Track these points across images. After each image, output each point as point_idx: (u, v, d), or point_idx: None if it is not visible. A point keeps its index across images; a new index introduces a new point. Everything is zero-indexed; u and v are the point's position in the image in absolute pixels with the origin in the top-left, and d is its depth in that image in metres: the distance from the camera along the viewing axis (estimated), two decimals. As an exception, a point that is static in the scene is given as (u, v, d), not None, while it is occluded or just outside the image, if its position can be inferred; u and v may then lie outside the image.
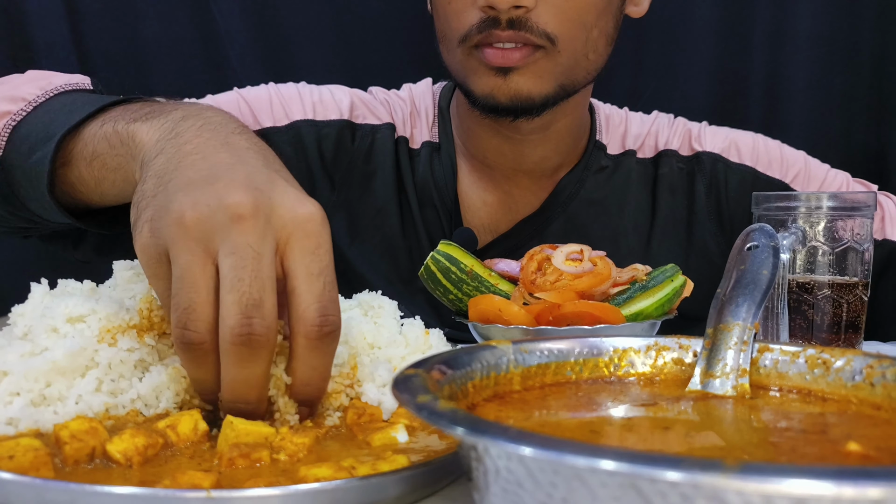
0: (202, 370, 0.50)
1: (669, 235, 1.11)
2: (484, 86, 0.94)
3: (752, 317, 0.50)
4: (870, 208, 0.77)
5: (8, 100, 0.77)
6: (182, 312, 0.48)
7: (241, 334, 0.47)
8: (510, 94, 0.93)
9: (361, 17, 1.45)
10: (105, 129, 0.66)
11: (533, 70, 0.92)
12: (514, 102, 0.94)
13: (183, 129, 0.58)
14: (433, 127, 1.11)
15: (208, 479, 0.41)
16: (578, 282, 0.79)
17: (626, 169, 1.11)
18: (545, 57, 0.92)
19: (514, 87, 0.92)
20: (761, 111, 1.47)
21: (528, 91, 0.93)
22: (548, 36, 0.90)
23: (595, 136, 1.11)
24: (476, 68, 0.94)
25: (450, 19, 0.94)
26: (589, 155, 1.10)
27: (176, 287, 0.48)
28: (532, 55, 0.91)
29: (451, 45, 0.95)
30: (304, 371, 0.51)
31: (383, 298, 0.71)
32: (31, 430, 0.50)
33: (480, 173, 1.10)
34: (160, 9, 1.41)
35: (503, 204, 1.10)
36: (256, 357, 0.48)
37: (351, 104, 1.09)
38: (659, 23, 1.40)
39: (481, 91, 0.94)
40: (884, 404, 0.46)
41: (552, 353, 0.51)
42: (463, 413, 0.34)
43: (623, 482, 0.28)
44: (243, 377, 0.49)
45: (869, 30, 1.44)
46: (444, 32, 0.97)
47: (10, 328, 0.61)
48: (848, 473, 0.26)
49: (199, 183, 0.51)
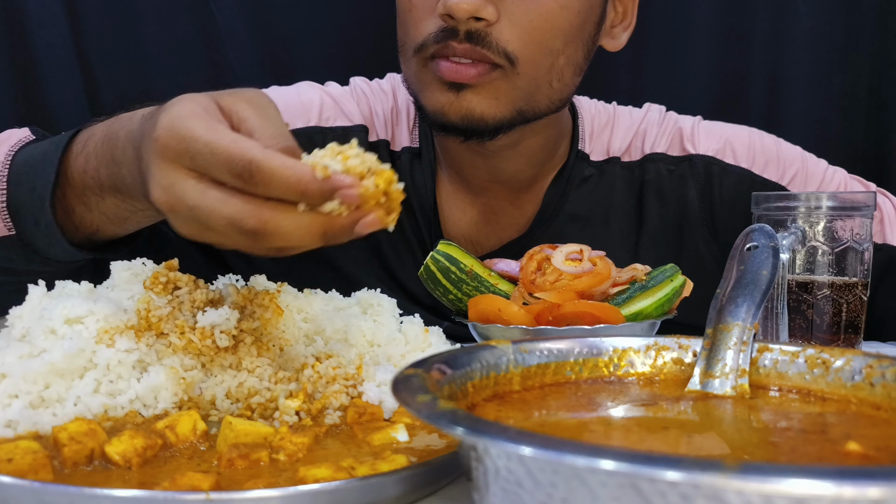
0: (278, 237, 0.51)
1: (658, 242, 1.07)
2: (435, 101, 0.88)
3: (752, 317, 0.50)
4: (869, 208, 0.77)
5: None
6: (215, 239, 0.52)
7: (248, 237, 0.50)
8: (461, 113, 0.87)
9: (361, 16, 1.45)
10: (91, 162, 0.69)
11: (488, 90, 0.87)
12: (466, 122, 0.88)
13: (136, 131, 0.62)
14: (413, 129, 1.07)
15: (207, 480, 0.41)
16: (578, 282, 0.79)
17: (611, 177, 1.07)
18: (502, 77, 0.87)
19: (466, 106, 0.87)
20: (761, 111, 1.47)
21: (482, 112, 0.87)
22: (507, 55, 0.85)
23: (577, 143, 1.07)
24: (429, 82, 0.89)
25: (408, 27, 0.90)
26: (571, 167, 1.06)
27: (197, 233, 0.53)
28: (488, 74, 0.86)
29: (408, 54, 0.91)
30: None
31: (382, 296, 0.71)
32: (29, 433, 0.50)
33: (459, 185, 1.06)
34: (160, 9, 1.41)
35: (484, 217, 1.06)
36: (271, 234, 0.50)
37: (320, 105, 1.05)
38: (659, 23, 1.40)
39: (432, 106, 0.89)
40: (883, 404, 0.46)
41: (552, 353, 0.51)
42: (463, 413, 0.34)
43: (623, 482, 0.28)
44: (284, 243, 0.51)
45: (869, 30, 1.44)
46: (402, 41, 0.92)
47: (9, 330, 0.61)
48: (848, 473, 0.26)
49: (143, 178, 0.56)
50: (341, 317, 0.66)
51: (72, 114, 1.38)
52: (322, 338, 0.64)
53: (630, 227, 1.08)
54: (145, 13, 1.40)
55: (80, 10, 1.38)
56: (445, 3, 0.82)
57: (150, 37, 1.41)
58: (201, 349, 0.58)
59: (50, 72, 1.37)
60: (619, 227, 1.07)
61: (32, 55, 1.36)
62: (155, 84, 1.42)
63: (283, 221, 0.50)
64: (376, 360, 0.63)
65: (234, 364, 0.59)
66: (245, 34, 1.43)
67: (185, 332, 0.58)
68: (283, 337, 0.62)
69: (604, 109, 1.12)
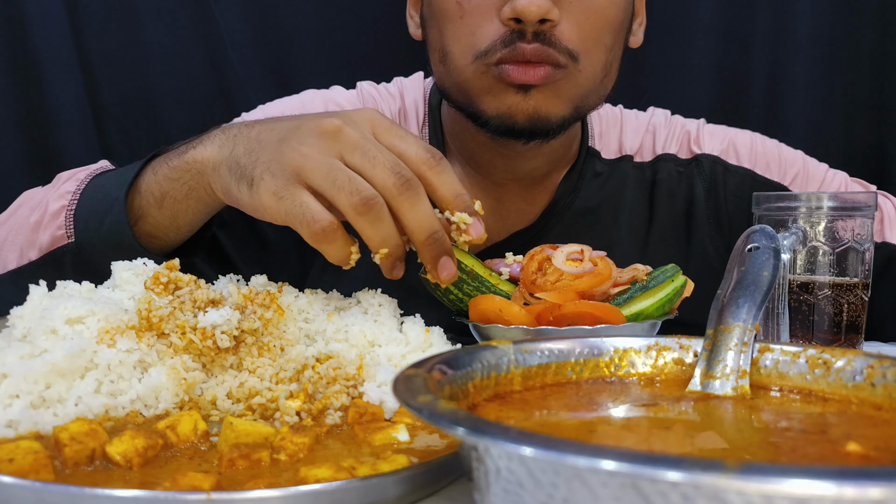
0: (384, 225, 0.65)
1: (667, 240, 1.10)
2: (500, 104, 0.89)
3: (753, 318, 0.50)
4: (870, 208, 0.77)
5: (57, 199, 0.84)
6: (348, 185, 0.64)
7: (402, 182, 0.64)
8: (528, 113, 0.89)
9: (361, 17, 1.45)
10: (161, 173, 0.78)
11: (552, 89, 0.89)
12: (532, 123, 0.89)
13: (231, 130, 0.74)
14: (423, 127, 1.08)
15: (208, 480, 0.41)
16: (579, 282, 0.78)
17: (622, 174, 1.09)
18: (566, 77, 0.88)
19: (533, 105, 0.88)
20: (762, 111, 1.47)
21: (547, 111, 0.89)
22: (570, 53, 0.87)
23: (587, 141, 1.09)
24: (492, 86, 0.89)
25: (460, 36, 0.89)
26: (582, 162, 1.08)
27: (328, 182, 0.64)
28: (553, 74, 0.87)
29: (460, 62, 0.90)
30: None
31: (383, 297, 0.71)
32: (30, 433, 0.50)
33: (472, 179, 1.07)
34: (161, 9, 1.41)
35: (494, 212, 1.07)
36: (419, 196, 0.66)
37: (324, 111, 1.05)
38: (659, 23, 1.40)
39: (497, 109, 0.89)
40: (884, 404, 0.46)
41: (553, 354, 0.51)
42: (464, 413, 0.34)
43: (624, 482, 0.28)
44: (422, 212, 0.66)
45: (869, 30, 1.44)
46: (447, 50, 0.91)
47: (10, 330, 0.61)
48: (849, 473, 0.26)
49: (287, 138, 0.67)
50: (342, 317, 0.66)
51: (72, 114, 1.38)
52: (323, 338, 0.64)
53: (640, 224, 1.10)
54: (146, 13, 1.40)
55: (80, 10, 1.38)
56: (514, 7, 0.83)
57: (150, 37, 1.41)
58: (202, 349, 0.58)
59: (50, 72, 1.37)
60: (629, 223, 1.09)
61: (32, 55, 1.36)
62: (155, 84, 1.42)
63: (422, 198, 0.66)
64: (377, 360, 0.63)
65: (234, 364, 0.59)
66: (246, 35, 1.43)
67: (186, 332, 0.58)
68: (284, 337, 0.62)
69: (611, 110, 1.14)
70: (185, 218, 0.80)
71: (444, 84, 0.96)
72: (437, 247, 0.67)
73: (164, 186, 0.78)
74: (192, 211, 0.79)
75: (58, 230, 0.82)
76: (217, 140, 0.74)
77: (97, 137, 1.41)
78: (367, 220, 0.64)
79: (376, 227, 0.65)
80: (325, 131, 0.66)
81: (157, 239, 0.82)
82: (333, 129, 0.66)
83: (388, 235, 0.66)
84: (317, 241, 0.65)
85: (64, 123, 1.38)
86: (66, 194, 0.84)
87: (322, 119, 0.67)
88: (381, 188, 0.64)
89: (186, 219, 0.80)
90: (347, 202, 0.64)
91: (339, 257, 0.66)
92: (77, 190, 0.83)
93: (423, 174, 0.67)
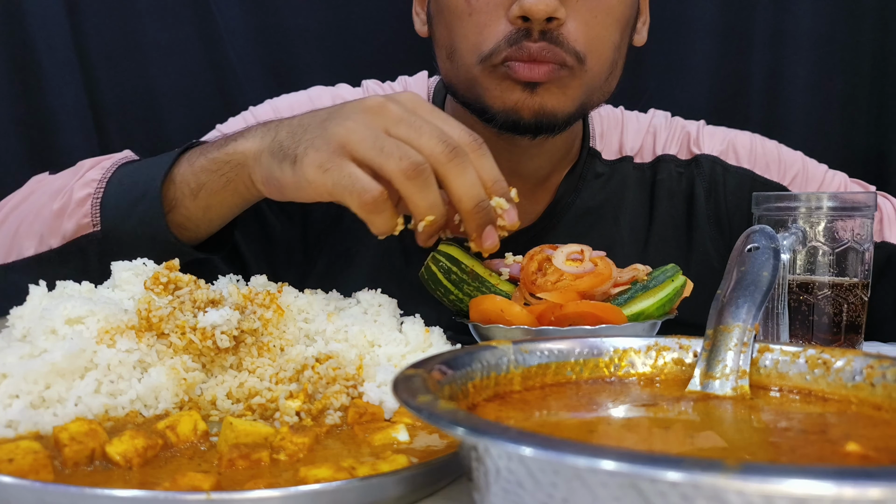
0: (432, 191, 0.66)
1: (668, 240, 1.10)
2: (506, 100, 0.89)
3: (753, 318, 0.50)
4: (870, 208, 0.77)
5: (82, 186, 0.83)
6: (397, 151, 0.65)
7: (449, 150, 0.66)
8: (534, 109, 0.89)
9: (361, 17, 1.45)
10: (198, 164, 0.78)
11: (558, 85, 0.89)
12: (537, 118, 0.90)
13: (272, 123, 0.75)
14: None
15: (208, 480, 0.41)
16: (579, 282, 0.78)
17: (623, 175, 1.10)
18: (570, 74, 0.89)
19: (539, 102, 0.89)
20: (761, 111, 1.47)
21: (553, 107, 0.90)
22: (577, 54, 0.88)
23: (589, 141, 1.09)
24: (497, 83, 0.90)
25: (468, 34, 0.90)
26: (583, 163, 1.08)
27: (375, 150, 0.65)
28: (558, 72, 0.88)
29: (467, 59, 0.91)
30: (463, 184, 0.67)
31: (383, 297, 0.71)
32: (30, 433, 0.50)
33: None
34: (161, 9, 1.41)
35: None
36: (468, 164, 0.67)
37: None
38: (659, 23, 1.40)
39: (502, 105, 0.90)
40: (884, 404, 0.46)
41: (552, 354, 0.51)
42: (463, 413, 0.34)
43: (623, 482, 0.28)
44: (471, 180, 0.67)
45: (869, 30, 1.44)
46: (455, 47, 0.92)
47: (9, 330, 0.61)
48: (848, 474, 0.26)
49: (331, 116, 0.70)
50: (342, 317, 0.66)
51: (72, 114, 1.38)
52: (322, 338, 0.64)
53: (640, 224, 1.10)
54: (146, 14, 1.40)
55: (80, 10, 1.38)
56: (522, 5, 0.84)
57: (150, 37, 1.41)
58: (202, 349, 0.58)
59: (50, 72, 1.37)
60: (629, 224, 1.10)
61: (32, 55, 1.36)
62: (155, 83, 1.42)
63: (470, 167, 0.67)
64: (377, 360, 0.63)
65: (234, 364, 0.59)
66: (246, 34, 1.43)
67: (186, 332, 0.58)
68: (284, 337, 0.62)
69: (612, 111, 1.14)
70: (219, 210, 0.81)
71: (451, 80, 0.96)
72: (483, 215, 0.68)
73: (200, 178, 0.78)
74: (226, 204, 0.80)
75: (83, 218, 0.82)
76: (259, 132, 0.75)
77: (97, 136, 1.41)
78: (416, 184, 0.65)
79: (424, 193, 0.66)
80: (369, 107, 0.68)
81: (187, 230, 0.82)
82: (377, 105, 0.68)
83: (435, 202, 0.67)
84: (367, 211, 0.66)
85: (63, 122, 1.38)
86: (92, 182, 0.83)
87: (365, 98, 0.70)
88: (428, 156, 0.66)
89: (220, 211, 0.81)
90: (397, 167, 0.65)
91: (385, 228, 0.67)
92: (103, 178, 0.83)
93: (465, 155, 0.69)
